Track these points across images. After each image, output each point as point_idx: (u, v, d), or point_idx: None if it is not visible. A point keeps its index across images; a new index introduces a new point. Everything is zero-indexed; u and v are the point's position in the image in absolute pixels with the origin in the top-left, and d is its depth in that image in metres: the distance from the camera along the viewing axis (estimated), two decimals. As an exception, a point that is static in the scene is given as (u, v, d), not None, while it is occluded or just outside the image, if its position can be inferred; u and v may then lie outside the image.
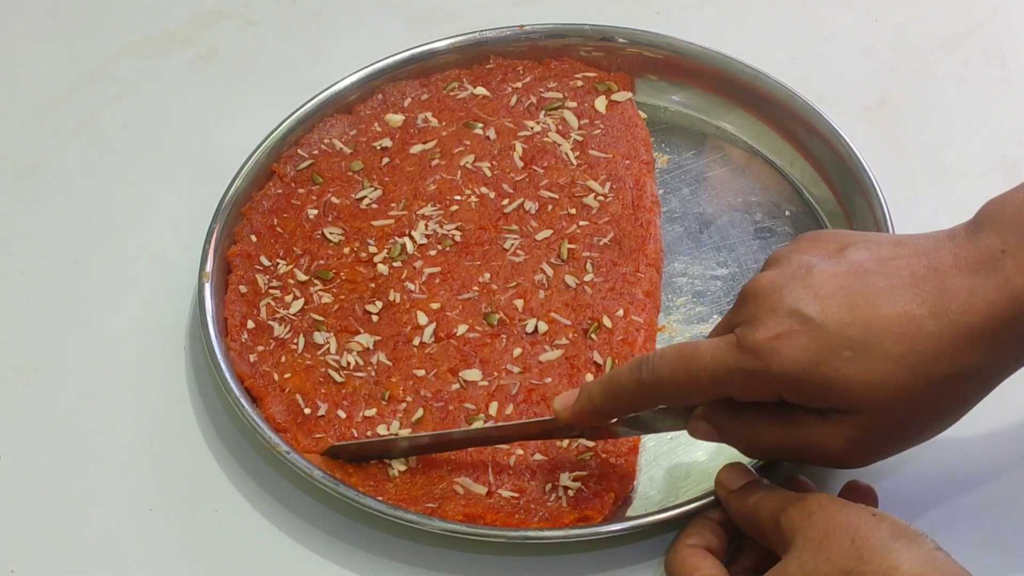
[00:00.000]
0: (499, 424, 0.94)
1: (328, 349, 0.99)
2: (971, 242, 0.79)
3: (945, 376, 0.78)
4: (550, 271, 1.02)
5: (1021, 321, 0.77)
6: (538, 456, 0.93)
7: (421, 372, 0.97)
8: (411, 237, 1.04)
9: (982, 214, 0.80)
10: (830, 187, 1.06)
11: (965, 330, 0.77)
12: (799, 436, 0.81)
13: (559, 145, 1.09)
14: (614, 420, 0.89)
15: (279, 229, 1.05)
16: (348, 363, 0.98)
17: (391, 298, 1.01)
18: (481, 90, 1.13)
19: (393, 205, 1.06)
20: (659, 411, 0.88)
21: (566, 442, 0.93)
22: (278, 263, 1.04)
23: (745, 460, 0.88)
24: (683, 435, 0.95)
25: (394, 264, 1.03)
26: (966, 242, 0.79)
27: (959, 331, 0.77)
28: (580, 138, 1.09)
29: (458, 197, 1.06)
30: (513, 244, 1.03)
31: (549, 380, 0.97)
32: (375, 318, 1.00)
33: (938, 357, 0.77)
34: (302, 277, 1.03)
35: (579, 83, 1.13)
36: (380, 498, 0.91)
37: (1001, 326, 0.77)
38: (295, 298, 1.02)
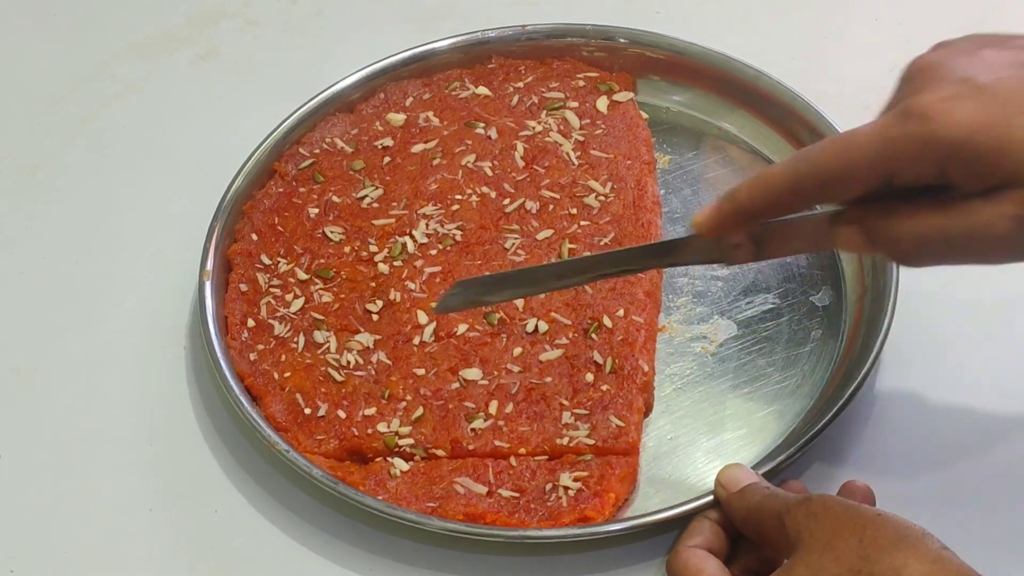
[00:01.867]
0: (629, 248, 0.92)
1: (328, 348, 0.99)
2: None
3: None
4: (551, 271, 1.02)
5: None
6: (539, 456, 0.93)
7: (421, 371, 0.97)
8: (412, 236, 1.04)
9: None
10: (831, 187, 1.06)
11: None
12: (960, 223, 0.76)
13: (560, 145, 1.09)
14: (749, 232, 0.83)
15: (280, 228, 1.05)
16: (348, 362, 0.98)
17: (391, 297, 1.01)
18: (483, 90, 1.13)
19: (394, 204, 1.06)
20: (800, 222, 0.83)
21: (566, 440, 0.93)
22: (279, 262, 1.03)
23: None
24: (683, 436, 0.96)
25: (395, 263, 1.02)
26: None
27: None
28: (581, 138, 1.09)
29: (459, 196, 1.06)
30: (514, 244, 1.03)
31: (549, 379, 0.96)
32: (375, 317, 1.00)
33: None
34: (303, 276, 1.03)
35: (581, 83, 1.13)
36: (380, 497, 0.91)
37: None
38: (295, 297, 1.02)
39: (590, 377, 0.96)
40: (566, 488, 0.91)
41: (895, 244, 0.79)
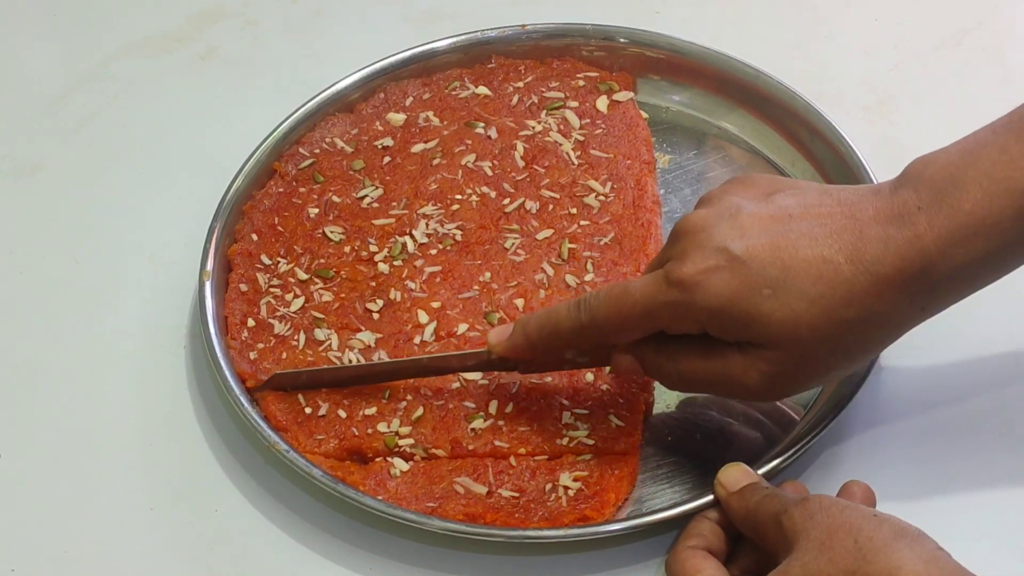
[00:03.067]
0: (438, 355, 0.97)
1: (329, 346, 0.99)
2: (892, 197, 0.82)
3: (856, 319, 0.82)
4: (551, 271, 1.02)
5: (929, 274, 0.81)
6: (539, 456, 0.93)
7: (421, 371, 0.97)
8: (412, 236, 1.04)
9: (906, 172, 0.84)
10: (831, 187, 1.06)
11: (877, 278, 0.81)
12: (718, 368, 0.85)
13: (560, 145, 1.08)
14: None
15: (280, 228, 1.05)
16: (349, 360, 0.98)
17: (392, 296, 1.01)
18: (483, 89, 1.13)
19: (394, 204, 1.06)
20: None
21: (566, 440, 0.93)
22: (279, 261, 1.03)
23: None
24: (684, 437, 0.96)
25: (395, 263, 1.02)
26: (887, 197, 0.82)
27: (871, 278, 0.81)
28: (581, 138, 1.09)
29: (459, 196, 1.06)
30: (514, 243, 1.03)
31: (549, 379, 0.96)
32: (376, 316, 1.00)
33: (850, 301, 0.81)
34: (303, 276, 1.03)
35: (581, 83, 1.13)
36: (380, 497, 0.91)
37: (910, 278, 0.81)
38: (295, 296, 1.02)
39: (590, 377, 0.96)
40: (566, 488, 0.91)
41: (663, 376, 0.89)
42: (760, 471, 0.89)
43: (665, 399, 0.98)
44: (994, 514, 0.92)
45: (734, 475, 0.88)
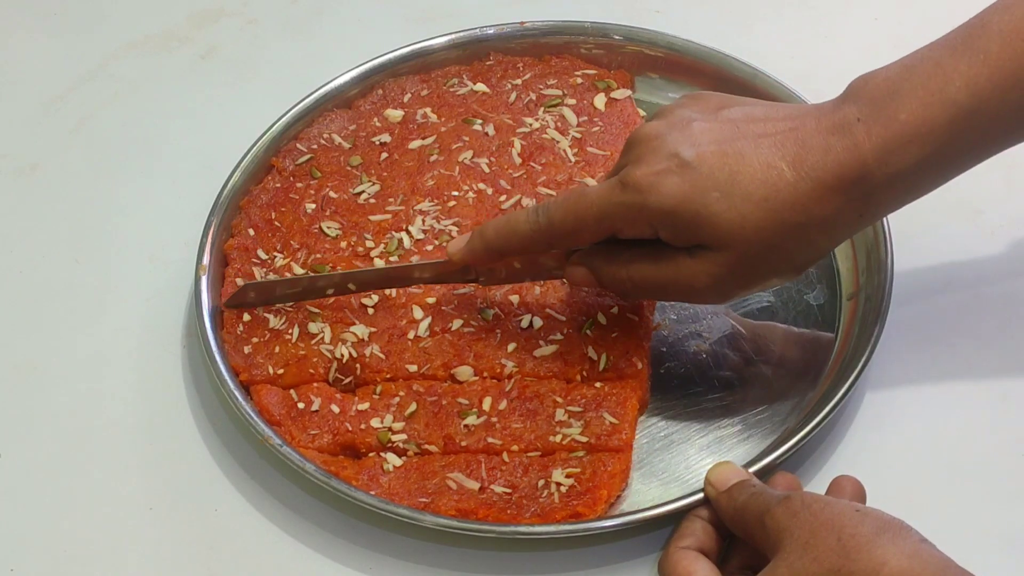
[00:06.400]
0: (398, 265, 1.00)
1: (322, 339, 0.98)
2: (834, 111, 0.87)
3: (798, 222, 0.86)
4: (545, 266, 1.01)
5: (866, 180, 0.85)
6: (532, 453, 0.93)
7: (414, 367, 0.97)
8: (408, 232, 1.04)
9: (848, 88, 0.88)
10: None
11: (818, 183, 0.85)
12: (668, 272, 0.89)
13: (557, 142, 1.08)
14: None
15: (277, 223, 1.05)
16: (342, 355, 0.98)
17: (387, 292, 1.00)
18: (481, 86, 1.13)
19: (391, 200, 1.06)
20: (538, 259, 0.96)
21: (559, 437, 0.93)
22: (275, 256, 1.03)
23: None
24: (677, 433, 0.96)
25: (391, 258, 1.02)
26: (830, 111, 0.87)
27: (813, 183, 0.85)
28: (578, 135, 1.09)
29: (456, 193, 1.06)
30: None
31: (544, 376, 0.97)
32: (371, 311, 1.00)
33: (793, 204, 0.86)
34: (299, 270, 1.02)
35: (579, 80, 1.13)
36: (373, 492, 0.91)
37: (849, 183, 0.85)
38: (292, 290, 1.02)
39: (584, 374, 0.96)
40: (558, 484, 0.91)
41: (616, 284, 0.93)
42: (753, 469, 0.89)
43: (659, 396, 0.98)
44: (987, 513, 0.92)
45: (723, 473, 0.88)
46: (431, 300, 1.00)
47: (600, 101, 1.11)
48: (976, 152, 0.87)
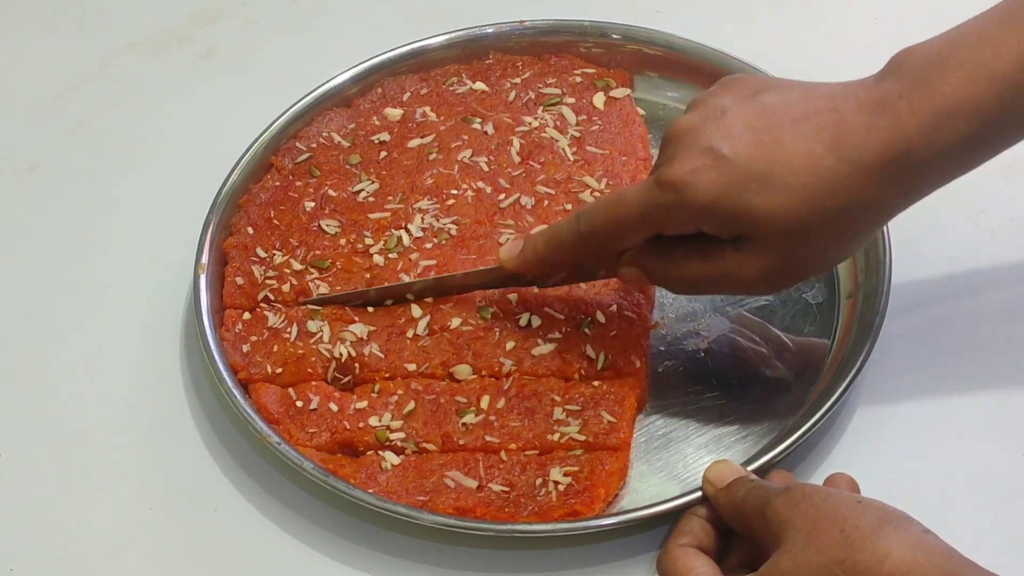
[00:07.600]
0: (450, 274, 1.00)
1: (321, 337, 0.98)
2: (874, 87, 0.84)
3: (840, 207, 0.84)
4: (544, 265, 1.01)
5: (911, 158, 0.83)
6: (530, 451, 0.93)
7: (413, 366, 0.97)
8: (407, 230, 1.04)
9: (890, 63, 0.85)
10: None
11: (858, 166, 0.83)
12: (716, 267, 0.88)
13: (556, 141, 1.08)
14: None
15: (276, 221, 1.05)
16: (340, 354, 0.98)
17: (386, 289, 1.01)
18: (480, 85, 1.13)
19: (390, 198, 1.06)
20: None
21: (557, 435, 0.93)
22: (274, 254, 1.03)
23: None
24: (675, 432, 0.96)
25: (390, 256, 1.02)
26: (870, 87, 0.85)
27: (853, 166, 0.83)
28: (577, 134, 1.09)
29: (455, 191, 1.06)
30: (508, 238, 1.02)
31: (544, 372, 0.97)
32: (370, 309, 1.00)
33: (834, 190, 0.83)
34: (298, 267, 1.02)
35: (578, 79, 1.13)
36: (371, 490, 0.91)
37: (891, 163, 0.83)
38: (291, 287, 1.01)
39: (583, 372, 0.96)
40: (556, 483, 0.91)
41: (667, 282, 0.92)
42: (751, 467, 0.89)
43: (657, 395, 0.98)
44: (985, 512, 0.92)
45: (721, 471, 0.88)
46: (429, 299, 1.00)
47: (599, 100, 1.11)
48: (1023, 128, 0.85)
